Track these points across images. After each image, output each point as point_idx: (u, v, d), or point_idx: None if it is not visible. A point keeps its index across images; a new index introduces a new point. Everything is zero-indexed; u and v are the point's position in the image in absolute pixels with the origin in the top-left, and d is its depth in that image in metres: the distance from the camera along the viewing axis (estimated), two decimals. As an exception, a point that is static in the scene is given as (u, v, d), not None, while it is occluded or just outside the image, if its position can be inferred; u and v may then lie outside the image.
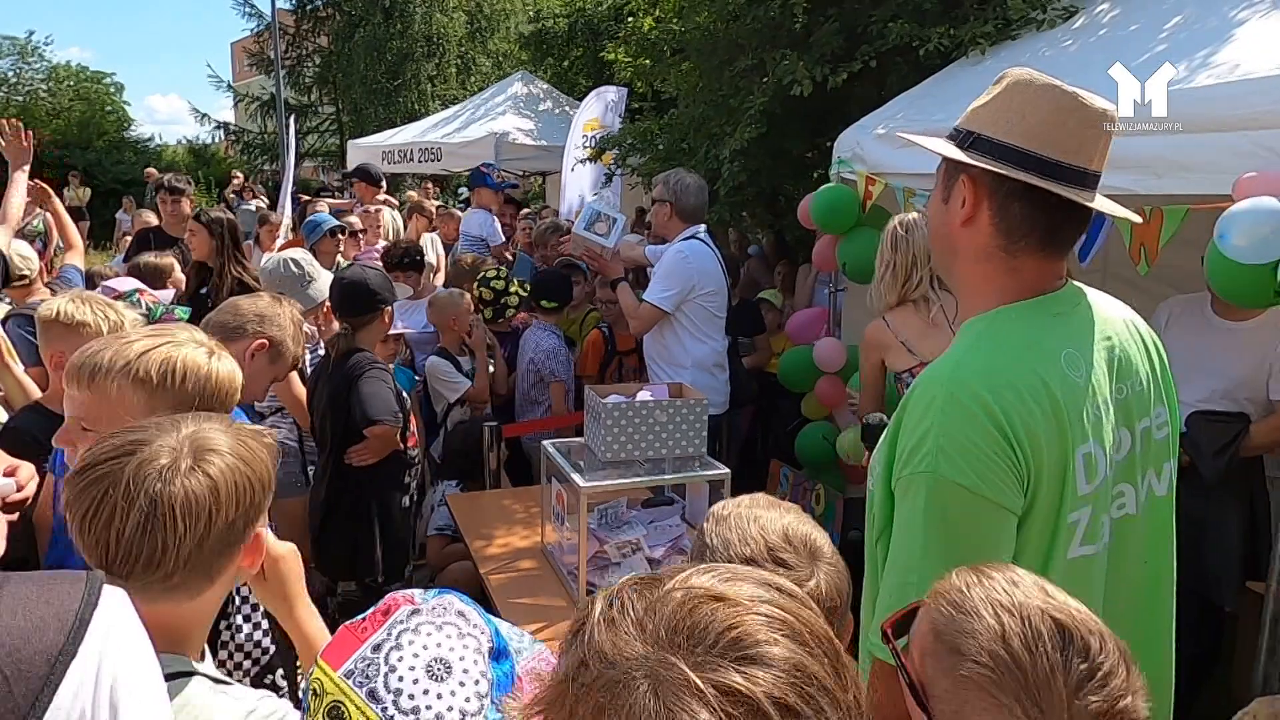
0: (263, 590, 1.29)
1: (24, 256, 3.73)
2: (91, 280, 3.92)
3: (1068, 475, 1.17)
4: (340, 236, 4.93)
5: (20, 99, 22.13)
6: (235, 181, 15.90)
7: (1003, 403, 1.14)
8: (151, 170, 15.69)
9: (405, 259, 4.76)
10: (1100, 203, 1.26)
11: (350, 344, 2.92)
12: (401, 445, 2.93)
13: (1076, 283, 1.32)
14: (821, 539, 1.15)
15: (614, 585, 0.66)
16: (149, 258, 4.10)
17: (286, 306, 2.25)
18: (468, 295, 4.21)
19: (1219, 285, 2.17)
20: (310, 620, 1.30)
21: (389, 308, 2.98)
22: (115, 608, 0.76)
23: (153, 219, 6.13)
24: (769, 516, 1.15)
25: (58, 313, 2.12)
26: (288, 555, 1.29)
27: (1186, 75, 2.40)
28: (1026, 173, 1.19)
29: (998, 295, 1.26)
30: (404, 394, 2.99)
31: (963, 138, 1.27)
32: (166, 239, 5.00)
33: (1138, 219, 1.33)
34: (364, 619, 0.97)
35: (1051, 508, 1.17)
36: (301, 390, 3.10)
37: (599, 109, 7.56)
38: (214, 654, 1.47)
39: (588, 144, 7.08)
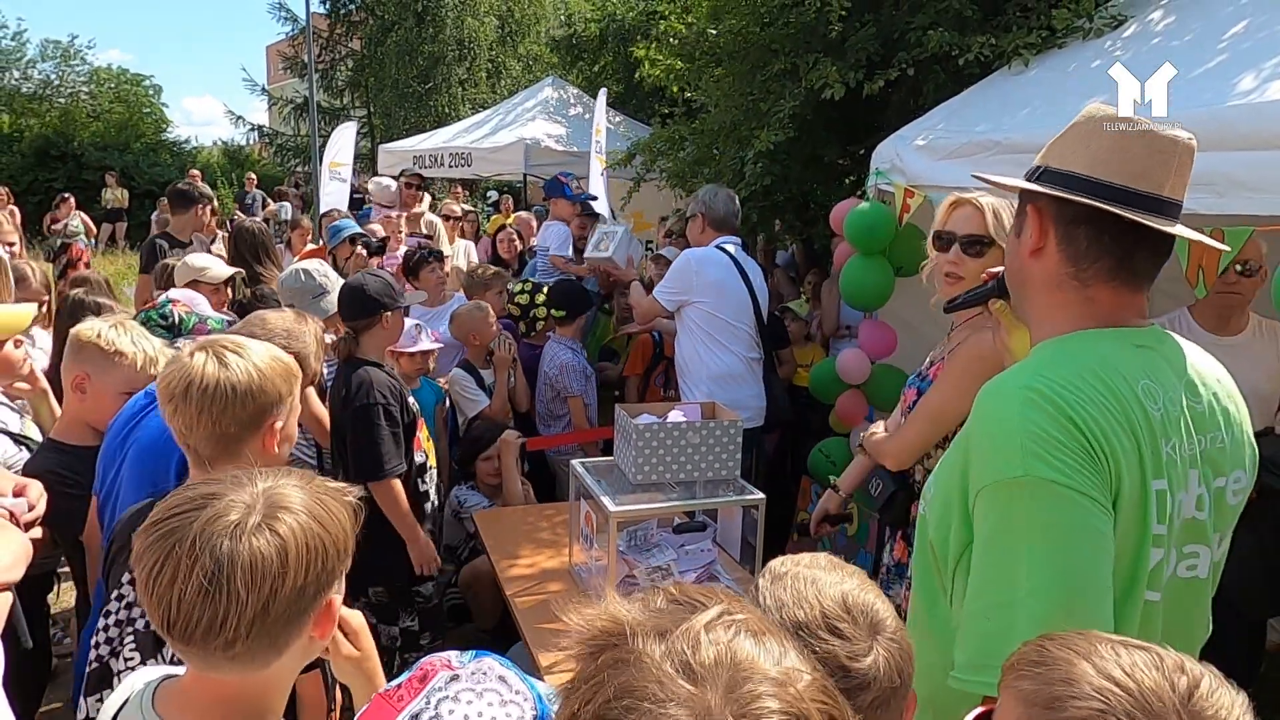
0: (348, 667, 1.23)
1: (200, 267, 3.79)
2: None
3: (1146, 505, 1.10)
4: (357, 247, 4.93)
5: (62, 101, 22.60)
6: (250, 184, 16.11)
7: (1081, 412, 1.09)
8: (195, 173, 15.93)
9: (425, 254, 4.70)
10: (1178, 229, 1.20)
11: (351, 348, 2.94)
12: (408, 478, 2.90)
13: (1162, 328, 1.27)
14: (885, 610, 1.05)
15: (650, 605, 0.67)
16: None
17: (311, 324, 2.25)
18: (489, 307, 4.15)
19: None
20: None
21: (390, 313, 2.94)
22: None
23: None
24: (828, 580, 1.05)
25: (98, 335, 2.12)
26: (363, 628, 1.26)
27: (1255, 88, 2.28)
28: (1088, 197, 1.17)
29: (1072, 323, 1.22)
30: (409, 401, 2.95)
31: (1031, 172, 1.27)
32: (177, 245, 4.91)
33: (1224, 247, 1.29)
34: (399, 686, 0.93)
35: (1133, 538, 1.10)
36: (321, 409, 3.07)
37: (598, 116, 7.62)
38: None
39: (596, 151, 7.13)
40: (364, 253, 5.03)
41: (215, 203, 5.46)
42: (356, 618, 1.26)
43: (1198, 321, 2.76)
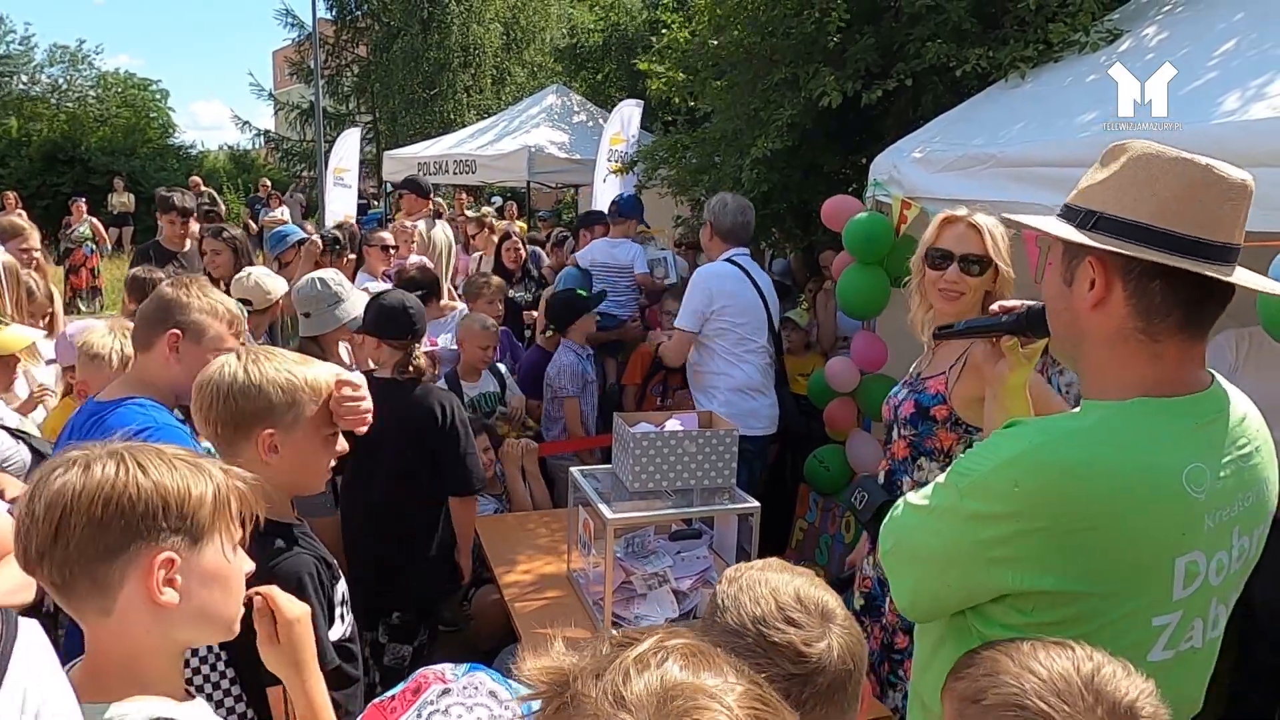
0: (273, 655, 1.24)
1: (266, 291, 3.87)
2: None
3: (1165, 579, 1.12)
4: (308, 249, 4.99)
5: (70, 106, 22.75)
6: (263, 189, 16.25)
7: (1067, 492, 1.09)
8: (196, 179, 16.01)
9: (417, 290, 4.58)
10: (1243, 277, 1.15)
11: (409, 363, 2.90)
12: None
13: (1219, 378, 1.23)
14: (835, 603, 1.13)
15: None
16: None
17: (196, 289, 2.05)
18: (488, 326, 4.18)
19: (1273, 328, 2.09)
20: (319, 692, 1.25)
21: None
22: (31, 641, 0.77)
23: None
24: (781, 579, 1.14)
25: (83, 344, 2.19)
26: (302, 618, 1.26)
27: (1240, 106, 2.32)
28: (1158, 251, 1.10)
29: (1139, 384, 1.16)
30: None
31: (1083, 217, 1.17)
32: (166, 253, 4.98)
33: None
34: (393, 697, 0.96)
35: (1139, 606, 1.13)
36: None
37: (619, 123, 7.66)
38: None
39: (613, 158, 7.17)
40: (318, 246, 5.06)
41: (218, 207, 5.51)
42: (294, 609, 1.26)
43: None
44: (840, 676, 1.06)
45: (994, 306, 1.50)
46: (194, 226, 5.30)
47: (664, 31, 6.01)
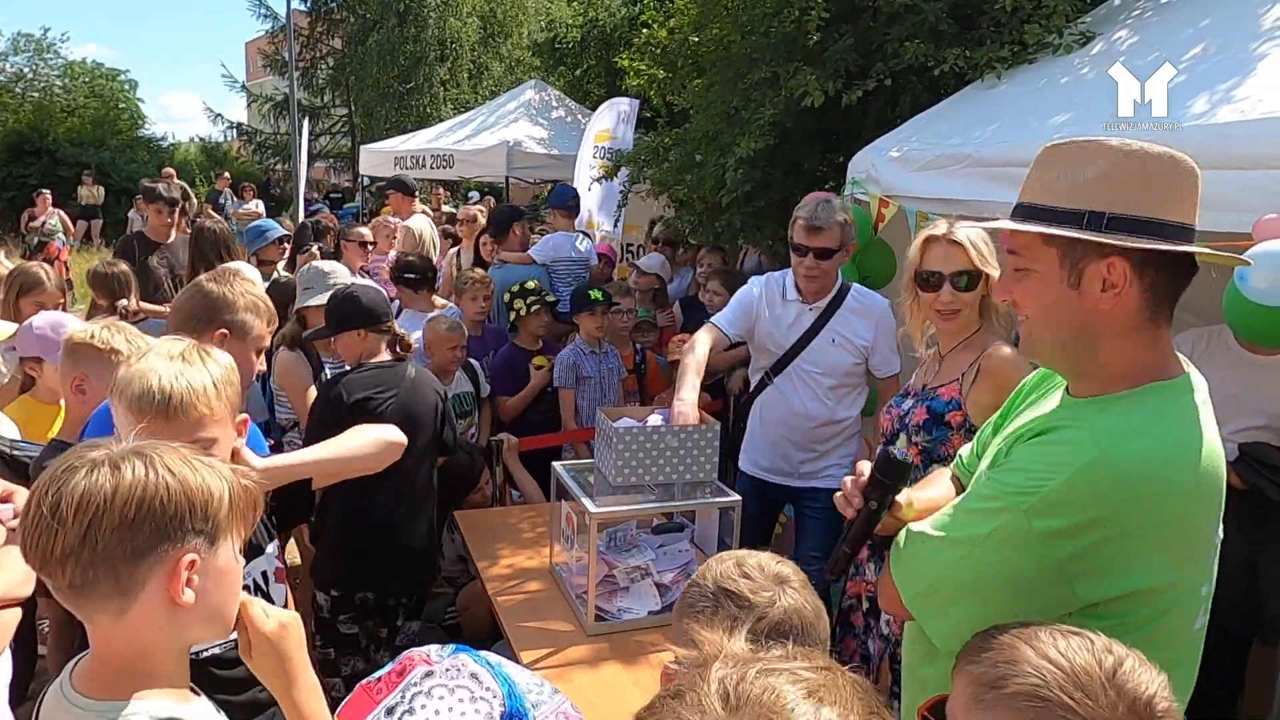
0: (252, 664, 1.20)
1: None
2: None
3: (1212, 553, 1.20)
4: (286, 245, 5.02)
5: (36, 95, 22.29)
6: (222, 183, 16.06)
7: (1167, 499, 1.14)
8: (170, 170, 15.77)
9: (408, 274, 4.56)
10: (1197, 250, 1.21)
11: (315, 344, 2.97)
12: None
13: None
14: (794, 576, 1.27)
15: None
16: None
17: (239, 284, 2.08)
18: (457, 330, 4.12)
19: (1238, 325, 2.16)
20: (311, 700, 1.20)
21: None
22: None
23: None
24: (753, 552, 1.30)
25: (92, 336, 2.18)
26: (287, 624, 1.20)
27: (1208, 110, 2.39)
28: (1168, 242, 1.16)
29: (1147, 372, 1.21)
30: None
31: (1091, 220, 1.18)
32: (151, 245, 5.06)
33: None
34: (379, 679, 0.98)
35: (1196, 583, 1.19)
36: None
37: (611, 120, 7.55)
38: None
39: (598, 155, 7.14)
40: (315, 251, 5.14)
41: (190, 201, 5.54)
42: (269, 622, 1.19)
43: (1238, 340, 2.60)
44: (781, 628, 1.18)
45: (841, 506, 1.36)
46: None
47: (644, 30, 6.03)
